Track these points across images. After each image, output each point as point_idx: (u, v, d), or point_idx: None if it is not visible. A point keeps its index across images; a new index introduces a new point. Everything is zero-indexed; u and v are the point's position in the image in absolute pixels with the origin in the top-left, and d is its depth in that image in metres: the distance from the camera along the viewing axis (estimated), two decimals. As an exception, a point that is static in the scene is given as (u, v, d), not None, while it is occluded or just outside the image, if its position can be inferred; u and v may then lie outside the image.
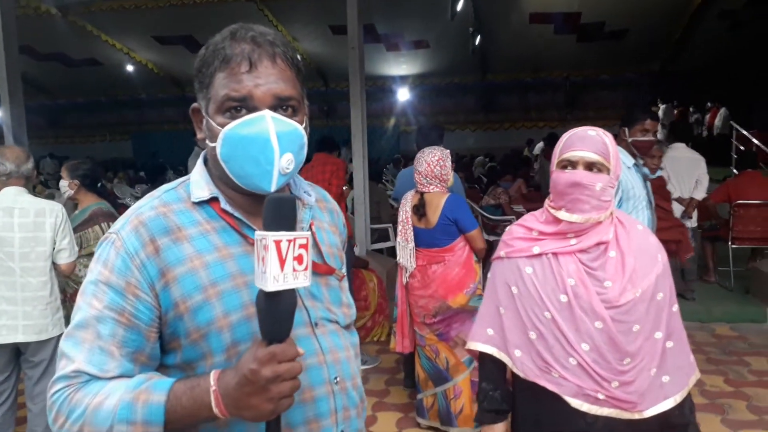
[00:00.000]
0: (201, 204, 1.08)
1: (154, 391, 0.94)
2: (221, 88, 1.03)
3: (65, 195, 3.67)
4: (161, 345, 1.05)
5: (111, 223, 3.36)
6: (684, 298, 5.50)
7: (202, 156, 1.16)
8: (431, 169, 3.44)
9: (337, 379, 1.13)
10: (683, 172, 5.66)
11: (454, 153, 3.71)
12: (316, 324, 1.12)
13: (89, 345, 0.99)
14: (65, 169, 3.66)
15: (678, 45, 14.81)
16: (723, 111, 13.09)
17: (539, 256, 1.57)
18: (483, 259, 3.58)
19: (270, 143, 1.00)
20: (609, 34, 14.17)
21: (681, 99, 15.34)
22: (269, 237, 0.87)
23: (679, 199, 5.62)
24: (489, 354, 1.66)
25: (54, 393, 0.98)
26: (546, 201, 1.63)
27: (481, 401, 1.70)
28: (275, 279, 0.87)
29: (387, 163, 14.05)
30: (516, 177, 9.06)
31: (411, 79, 18.33)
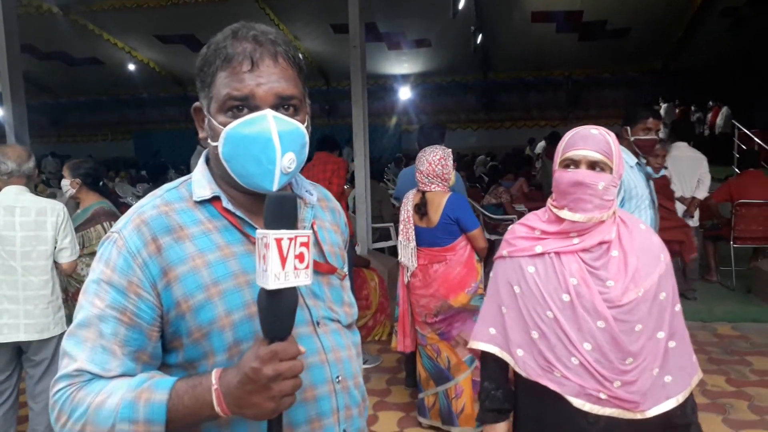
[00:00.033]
0: (203, 203, 1.08)
1: (156, 390, 0.94)
2: (223, 87, 1.02)
3: (67, 194, 3.67)
4: (163, 344, 1.05)
5: (113, 223, 3.35)
6: (685, 297, 5.49)
7: (203, 155, 1.16)
8: (433, 168, 3.43)
9: (339, 378, 1.13)
10: (685, 171, 5.65)
11: (455, 152, 3.71)
12: (317, 323, 1.11)
13: (91, 344, 0.99)
14: (67, 168, 3.66)
15: (680, 44, 14.78)
16: (725, 110, 13.06)
17: (542, 255, 1.57)
18: (484, 259, 3.58)
19: (272, 142, 1.00)
20: (611, 32, 14.14)
21: (683, 98, 15.31)
22: (270, 235, 0.87)
23: (681, 199, 5.61)
24: (491, 353, 1.66)
25: (56, 392, 0.98)
26: (548, 200, 1.63)
27: (483, 400, 1.70)
28: (276, 277, 0.87)
29: (388, 162, 14.06)
30: (517, 176, 9.06)
31: (412, 78, 18.32)
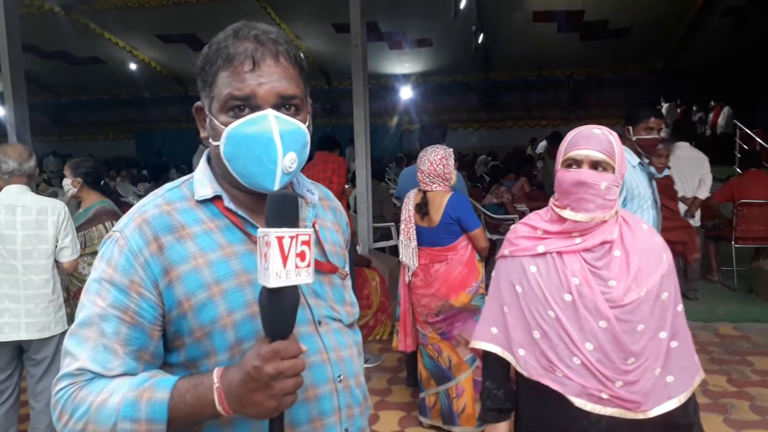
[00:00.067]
0: (204, 202, 1.08)
1: (157, 389, 0.94)
2: (224, 86, 1.02)
3: (68, 193, 3.67)
4: (165, 343, 1.05)
5: (115, 222, 3.35)
6: (687, 297, 5.48)
7: (205, 154, 1.16)
8: (434, 168, 3.43)
9: (341, 377, 1.12)
10: (686, 171, 5.65)
11: (456, 151, 3.70)
12: (319, 322, 1.11)
13: (93, 343, 0.99)
14: (68, 168, 3.66)
15: (681, 43, 14.76)
16: (726, 110, 13.05)
17: (544, 255, 1.57)
18: (486, 258, 3.58)
19: (273, 142, 1.00)
20: (612, 32, 14.13)
21: (684, 98, 15.30)
22: (271, 233, 0.87)
23: (683, 198, 5.61)
24: (493, 353, 1.66)
25: (58, 391, 0.98)
26: (551, 200, 1.63)
27: (485, 400, 1.70)
28: (277, 275, 0.87)
29: (390, 162, 14.05)
30: (519, 176, 9.05)
31: (414, 78, 18.31)
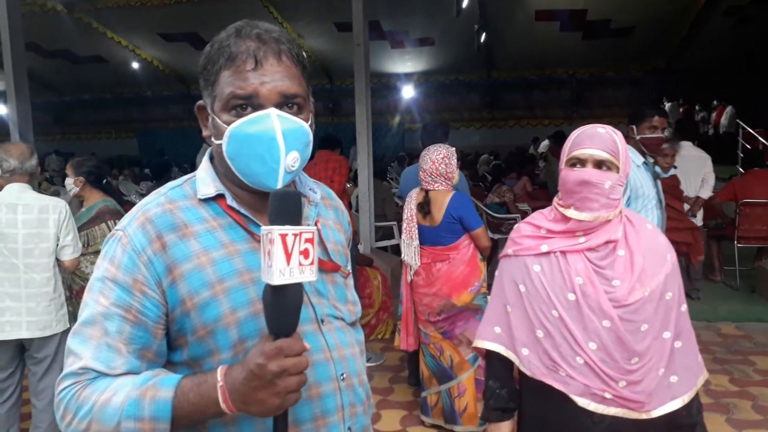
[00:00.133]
0: (207, 201, 1.08)
1: (161, 388, 0.94)
2: (227, 85, 1.02)
3: (71, 192, 3.67)
4: (168, 342, 1.04)
5: (117, 221, 3.35)
6: (689, 297, 5.48)
7: (207, 153, 1.16)
8: (436, 167, 3.43)
9: (344, 376, 1.12)
10: (689, 170, 5.64)
11: (458, 150, 3.70)
12: (322, 321, 1.11)
13: (96, 342, 0.98)
14: (70, 167, 3.66)
15: (684, 42, 14.74)
16: (729, 109, 13.04)
17: (547, 254, 1.57)
18: (487, 257, 3.58)
19: (276, 141, 0.99)
20: (615, 31, 14.11)
21: (687, 97, 15.28)
22: (275, 231, 0.87)
23: (685, 198, 5.60)
24: (496, 352, 1.65)
25: (61, 390, 0.97)
26: (555, 199, 1.62)
27: (488, 399, 1.70)
28: (281, 273, 0.87)
29: (392, 161, 14.05)
30: (521, 175, 9.03)
31: (416, 77, 18.31)
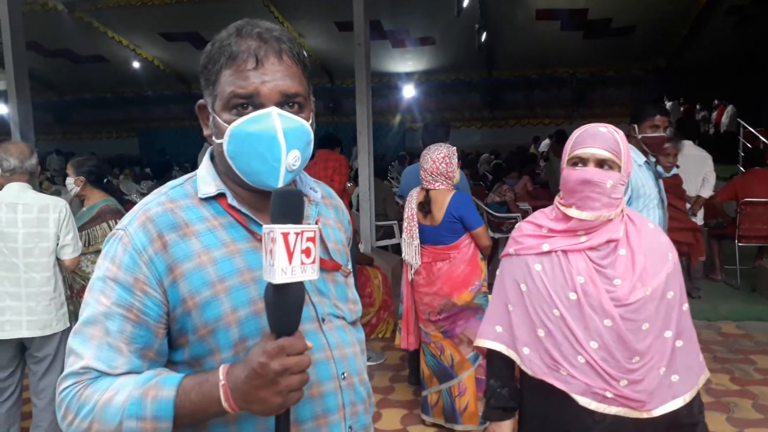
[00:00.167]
0: (208, 200, 1.08)
1: (163, 387, 0.93)
2: (227, 85, 1.02)
3: (72, 192, 3.67)
4: (169, 341, 1.04)
5: (118, 220, 3.36)
6: (690, 296, 5.42)
7: (208, 152, 1.16)
8: (437, 167, 3.43)
9: (345, 375, 1.12)
10: (690, 169, 5.63)
11: (459, 150, 3.70)
12: (323, 320, 1.11)
13: (98, 341, 0.98)
14: (71, 166, 3.66)
15: (685, 42, 14.70)
16: (730, 108, 13.02)
17: (549, 253, 1.57)
18: (488, 257, 3.58)
19: (277, 140, 0.99)
20: (616, 30, 14.08)
21: (688, 96, 15.25)
22: (277, 229, 0.87)
23: (686, 197, 5.60)
24: (497, 351, 1.65)
25: (63, 390, 0.97)
26: (556, 198, 1.62)
27: (489, 398, 1.70)
28: (283, 271, 0.87)
29: (392, 160, 14.04)
30: (521, 174, 9.01)
31: (417, 76, 18.28)
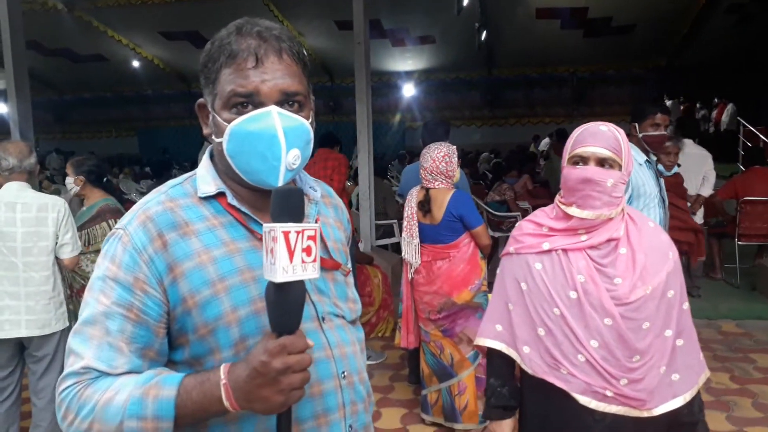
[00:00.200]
0: (208, 199, 1.08)
1: (164, 386, 0.93)
2: (227, 83, 1.02)
3: (71, 191, 3.67)
4: (169, 341, 1.04)
5: (118, 220, 3.35)
6: (690, 294, 5.41)
7: (208, 151, 1.16)
8: (437, 165, 3.43)
9: (345, 374, 1.12)
10: (690, 168, 5.63)
11: (459, 149, 3.70)
12: (323, 318, 1.11)
13: (98, 341, 0.98)
14: (70, 166, 3.65)
15: (685, 40, 14.70)
16: (730, 107, 13.01)
17: (549, 252, 1.57)
18: (488, 256, 3.57)
19: (277, 139, 0.99)
20: (616, 29, 14.08)
21: (688, 95, 15.25)
22: (278, 228, 0.87)
23: (687, 196, 5.60)
24: (497, 350, 1.65)
25: (63, 390, 0.97)
26: (557, 197, 1.62)
27: (489, 397, 1.70)
28: (284, 270, 0.87)
29: (392, 159, 14.04)
30: (521, 173, 9.01)
31: (416, 75, 18.27)
